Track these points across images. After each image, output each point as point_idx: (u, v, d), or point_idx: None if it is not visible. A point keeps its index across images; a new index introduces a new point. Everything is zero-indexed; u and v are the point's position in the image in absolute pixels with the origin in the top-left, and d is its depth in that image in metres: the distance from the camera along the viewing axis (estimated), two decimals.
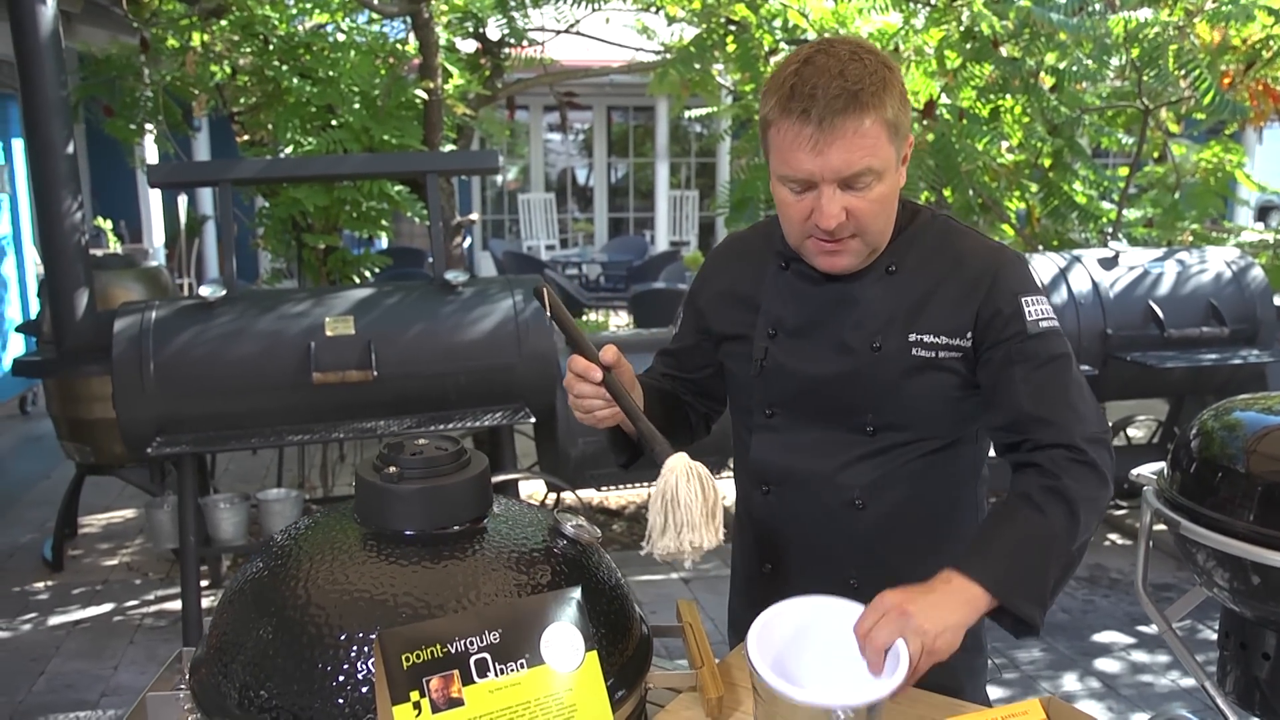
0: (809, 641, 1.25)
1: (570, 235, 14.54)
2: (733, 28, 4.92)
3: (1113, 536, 4.76)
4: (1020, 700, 1.20)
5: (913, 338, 1.40)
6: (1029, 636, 1.29)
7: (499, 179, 13.81)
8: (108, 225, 7.43)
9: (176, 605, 3.95)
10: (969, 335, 1.39)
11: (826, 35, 4.94)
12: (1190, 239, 5.97)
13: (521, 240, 13.38)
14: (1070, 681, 3.43)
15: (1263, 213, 11.11)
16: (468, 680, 1.09)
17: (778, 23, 4.89)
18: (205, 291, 3.40)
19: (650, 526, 1.27)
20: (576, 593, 1.19)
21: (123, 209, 9.01)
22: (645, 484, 4.86)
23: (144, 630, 3.83)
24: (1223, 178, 6.54)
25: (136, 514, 5.06)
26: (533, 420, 3.63)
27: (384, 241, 8.70)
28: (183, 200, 9.34)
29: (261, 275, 5.55)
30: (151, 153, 7.21)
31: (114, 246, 7.62)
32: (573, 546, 1.33)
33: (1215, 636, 3.56)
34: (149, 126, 4.93)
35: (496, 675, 1.10)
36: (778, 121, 1.31)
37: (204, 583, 3.80)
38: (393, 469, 1.27)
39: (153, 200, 9.25)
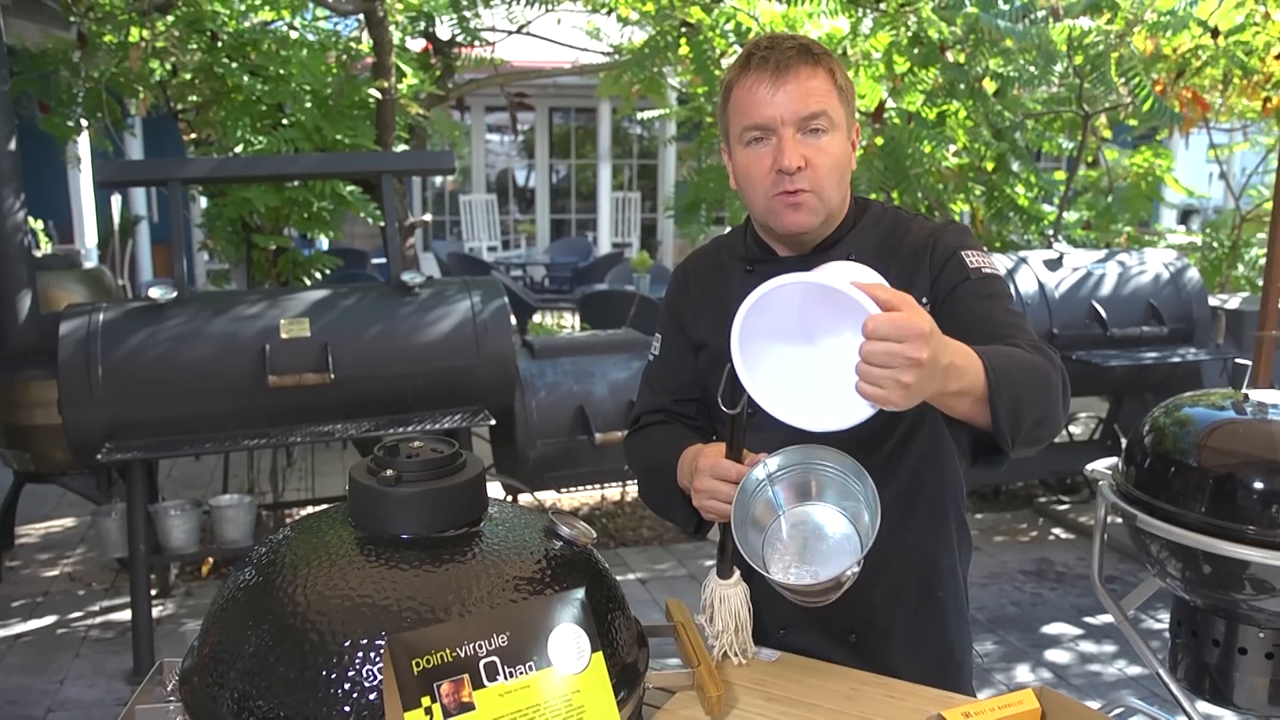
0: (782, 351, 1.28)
1: (512, 237, 14.46)
2: (685, 30, 4.94)
3: (1056, 531, 4.89)
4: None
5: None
6: (988, 464, 1.31)
7: (438, 179, 13.69)
8: (39, 225, 7.19)
9: (123, 616, 3.85)
10: (924, 300, 1.45)
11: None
12: (1126, 241, 6.16)
13: (463, 241, 13.28)
14: (1023, 673, 3.52)
15: (1184, 216, 11.48)
16: (478, 684, 1.08)
17: (729, 25, 4.94)
18: (155, 293, 3.32)
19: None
20: (581, 593, 1.19)
21: (52, 209, 8.72)
22: (599, 485, 4.86)
23: (90, 642, 3.72)
24: (1152, 182, 6.77)
25: (77, 523, 4.91)
26: (492, 422, 3.61)
27: (324, 242, 8.57)
28: (116, 200, 9.08)
29: (202, 278, 5.42)
30: (84, 151, 6.98)
31: (45, 247, 7.39)
32: (569, 547, 1.33)
33: (1158, 626, 3.68)
34: (85, 123, 4.78)
35: (506, 678, 1.10)
36: (738, 80, 1.42)
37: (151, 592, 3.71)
38: (390, 472, 1.26)
39: (85, 200, 8.97)
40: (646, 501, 1.63)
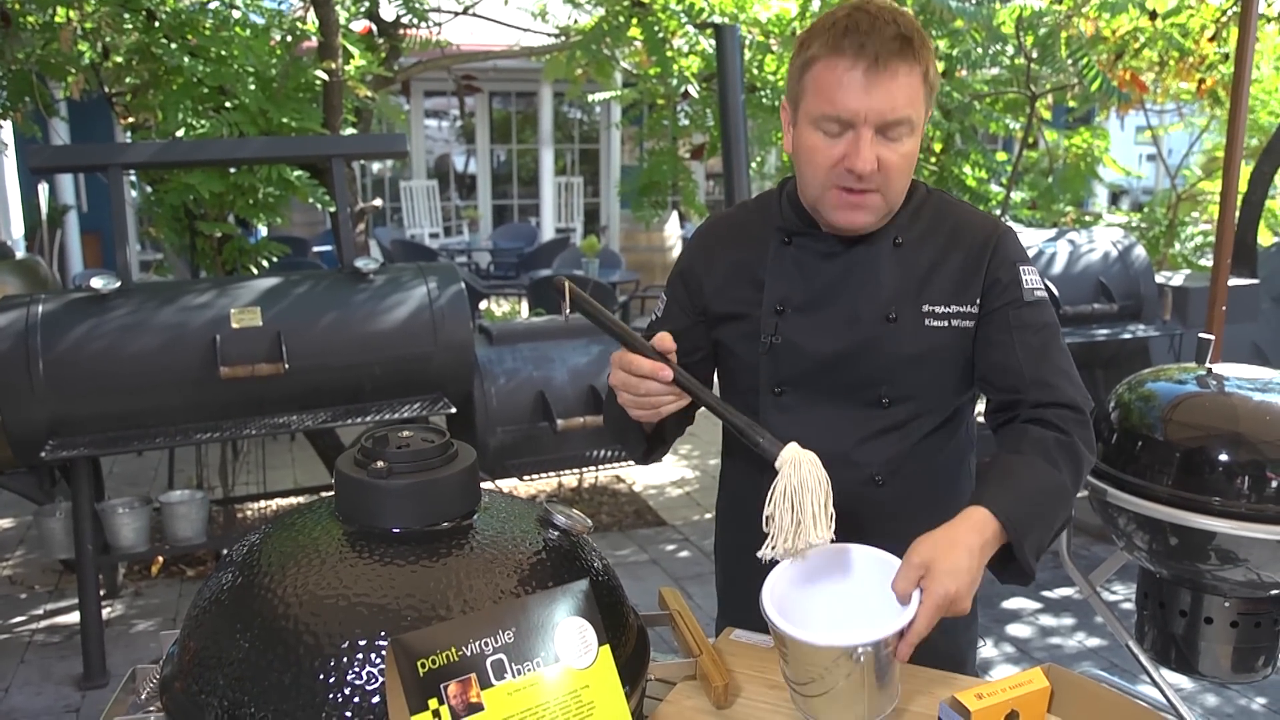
0: (818, 591, 1.26)
1: (454, 223, 14.26)
2: (636, 9, 4.88)
3: None
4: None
5: (925, 308, 1.42)
6: (1017, 584, 1.32)
7: (375, 165, 13.43)
8: None
9: (69, 619, 3.72)
10: (978, 302, 1.42)
11: (729, 16, 4.95)
12: (1072, 221, 6.27)
13: (405, 228, 13.06)
14: (987, 648, 3.56)
15: (1113, 197, 11.75)
16: (485, 683, 1.04)
17: (677, 6, 4.89)
18: (98, 283, 3.19)
19: (776, 527, 1.22)
20: (585, 585, 1.15)
21: None
22: (559, 472, 4.80)
23: (35, 648, 3.58)
24: (1091, 162, 6.89)
25: (15, 523, 4.73)
26: (452, 410, 3.54)
27: (263, 230, 8.36)
28: (43, 188, 8.74)
29: (135, 268, 5.22)
30: (8, 136, 6.70)
31: None
32: (565, 537, 1.29)
33: (1112, 598, 3.76)
34: (11, 108, 4.56)
35: (514, 676, 1.06)
36: (826, 58, 1.31)
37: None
38: (380, 463, 1.21)
39: (9, 188, 8.62)
40: (607, 427, 1.58)
